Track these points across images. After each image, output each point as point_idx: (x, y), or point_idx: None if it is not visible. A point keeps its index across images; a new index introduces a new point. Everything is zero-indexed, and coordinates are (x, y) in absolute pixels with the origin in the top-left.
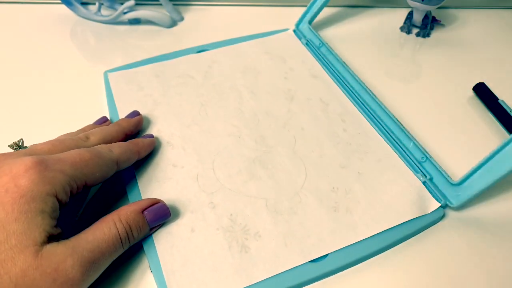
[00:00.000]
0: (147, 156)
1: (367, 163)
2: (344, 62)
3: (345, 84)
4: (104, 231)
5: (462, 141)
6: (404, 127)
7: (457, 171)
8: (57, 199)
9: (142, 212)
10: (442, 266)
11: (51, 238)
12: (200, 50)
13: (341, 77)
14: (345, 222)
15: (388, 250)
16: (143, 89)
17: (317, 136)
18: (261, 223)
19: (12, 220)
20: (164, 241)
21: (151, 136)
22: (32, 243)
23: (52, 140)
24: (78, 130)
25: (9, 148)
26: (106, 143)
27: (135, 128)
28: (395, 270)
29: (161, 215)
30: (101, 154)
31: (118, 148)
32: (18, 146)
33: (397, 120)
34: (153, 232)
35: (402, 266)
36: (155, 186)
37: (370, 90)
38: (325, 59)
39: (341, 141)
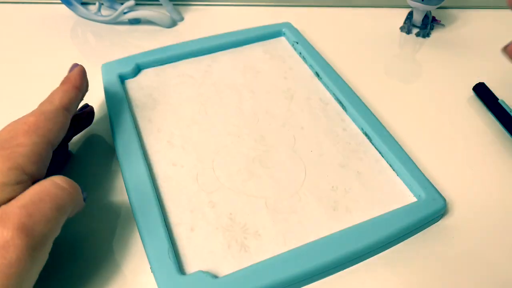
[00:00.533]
0: (148, 155)
1: (367, 162)
2: (325, 63)
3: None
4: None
5: (461, 141)
6: (394, 140)
7: (457, 171)
8: (24, 171)
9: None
10: (441, 266)
11: None
12: None
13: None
14: (344, 221)
15: (387, 250)
16: (142, 88)
17: (317, 135)
18: (261, 222)
19: None
20: None
21: (76, 65)
22: None
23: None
24: None
25: None
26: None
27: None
28: (395, 270)
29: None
30: (43, 110)
31: (55, 95)
32: None
33: (385, 128)
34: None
35: (401, 266)
36: (155, 187)
37: (354, 94)
38: (309, 62)
39: (341, 140)
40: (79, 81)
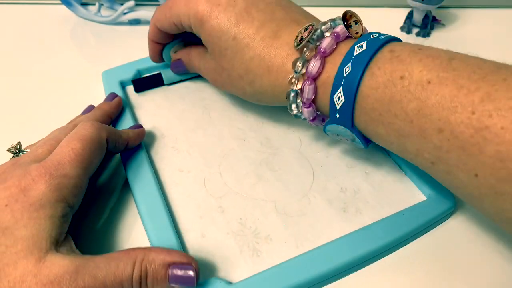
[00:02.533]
0: (153, 162)
1: (374, 162)
2: None
3: None
4: (118, 266)
5: None
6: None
7: None
8: (68, 204)
9: (169, 265)
10: (451, 265)
11: (59, 245)
12: None
13: None
14: (355, 222)
15: (397, 250)
16: (144, 94)
17: (323, 136)
18: (271, 226)
19: (21, 226)
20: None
21: (140, 126)
22: (38, 249)
23: (48, 141)
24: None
25: (7, 152)
26: None
27: (116, 109)
28: (405, 270)
29: (186, 282)
30: (89, 139)
31: (107, 130)
32: (17, 149)
33: None
34: None
35: (411, 266)
36: (164, 193)
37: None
38: None
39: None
40: (133, 141)
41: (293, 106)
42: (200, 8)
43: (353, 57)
